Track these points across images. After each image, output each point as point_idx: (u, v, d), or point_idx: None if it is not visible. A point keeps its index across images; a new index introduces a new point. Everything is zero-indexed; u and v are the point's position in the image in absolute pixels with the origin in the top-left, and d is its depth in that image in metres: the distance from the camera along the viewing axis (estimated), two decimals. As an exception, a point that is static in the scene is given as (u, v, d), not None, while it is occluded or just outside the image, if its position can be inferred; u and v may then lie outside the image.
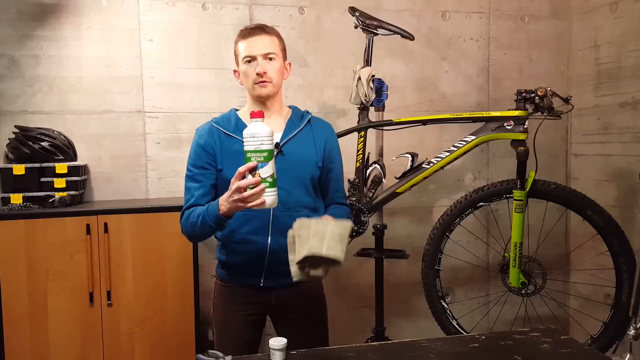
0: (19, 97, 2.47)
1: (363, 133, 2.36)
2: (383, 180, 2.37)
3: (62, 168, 2.29)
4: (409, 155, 2.31)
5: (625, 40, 2.64)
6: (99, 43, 2.53)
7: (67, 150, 2.37)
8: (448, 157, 2.28)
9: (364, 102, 2.32)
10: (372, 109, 2.40)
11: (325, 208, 1.75)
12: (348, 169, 1.96)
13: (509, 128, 2.21)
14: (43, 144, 2.30)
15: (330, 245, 1.38)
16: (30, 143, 2.29)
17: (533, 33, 3.01)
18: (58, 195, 2.28)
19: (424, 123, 2.34)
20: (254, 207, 1.41)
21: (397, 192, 2.32)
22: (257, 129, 1.39)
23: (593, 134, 2.88)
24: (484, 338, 1.56)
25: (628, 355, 1.94)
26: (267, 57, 1.64)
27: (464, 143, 2.27)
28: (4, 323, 2.12)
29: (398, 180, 2.33)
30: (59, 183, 2.29)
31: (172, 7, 2.60)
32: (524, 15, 2.99)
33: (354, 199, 2.32)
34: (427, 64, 2.90)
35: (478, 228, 2.91)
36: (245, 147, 1.40)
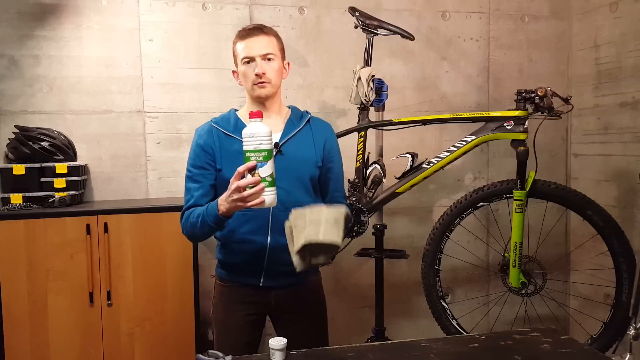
0: (19, 97, 2.47)
1: (363, 133, 2.36)
2: (383, 180, 2.37)
3: (62, 168, 2.29)
4: (409, 155, 2.31)
5: (625, 40, 2.64)
6: (99, 43, 2.53)
7: (67, 150, 2.37)
8: (448, 157, 2.28)
9: (364, 102, 2.32)
10: (372, 109, 2.40)
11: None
12: (348, 169, 1.96)
13: (509, 128, 2.21)
14: (43, 144, 2.30)
15: (327, 231, 1.38)
16: (30, 143, 2.29)
17: (533, 33, 3.01)
18: (58, 195, 2.28)
19: (424, 123, 2.34)
20: (254, 206, 1.41)
21: (397, 192, 2.32)
22: (256, 129, 1.39)
23: (593, 134, 2.88)
24: (484, 338, 1.56)
25: (628, 355, 1.94)
26: (265, 57, 1.64)
27: (464, 143, 2.27)
28: (4, 323, 2.12)
29: (398, 180, 2.33)
30: (59, 183, 2.29)
31: (172, 7, 2.60)
32: (524, 15, 2.99)
33: (354, 199, 2.32)
34: (427, 64, 2.90)
35: (478, 228, 2.91)
36: (244, 146, 1.40)
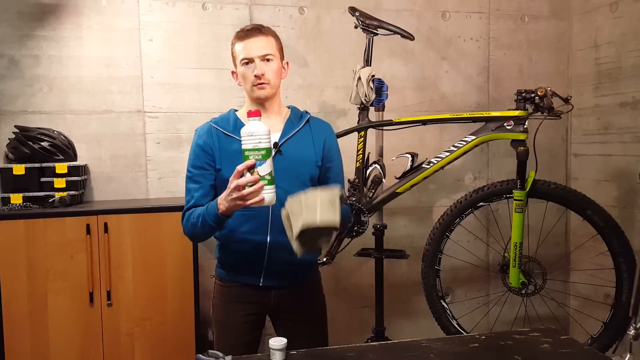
0: (19, 97, 2.47)
1: (363, 133, 2.36)
2: (383, 180, 2.37)
3: (62, 168, 2.29)
4: (409, 155, 2.31)
5: (625, 40, 2.64)
6: (99, 43, 2.53)
7: (67, 150, 2.37)
8: (448, 157, 2.27)
9: (364, 102, 2.32)
10: (372, 109, 2.40)
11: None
12: (348, 169, 1.96)
13: (509, 128, 2.21)
14: (43, 144, 2.30)
15: (323, 213, 1.38)
16: (30, 143, 2.29)
17: (533, 33, 3.01)
18: (58, 195, 2.28)
19: (424, 123, 2.34)
20: (253, 204, 1.42)
21: (397, 192, 2.32)
22: (254, 128, 1.40)
23: (593, 134, 2.88)
24: (484, 338, 1.56)
25: (628, 355, 1.94)
26: (264, 58, 1.64)
27: (464, 143, 2.27)
28: (4, 323, 2.12)
29: (398, 180, 2.33)
30: (59, 183, 2.29)
31: (172, 7, 2.60)
32: (524, 15, 2.99)
33: (354, 199, 2.32)
34: (427, 64, 2.90)
35: (478, 228, 2.91)
36: (243, 145, 1.41)
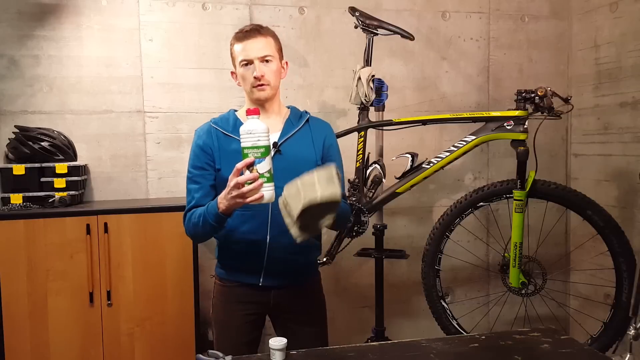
0: (19, 97, 2.47)
1: (363, 133, 2.36)
2: (383, 180, 2.37)
3: (62, 168, 2.29)
4: (409, 155, 2.31)
5: (625, 40, 2.64)
6: (99, 43, 2.53)
7: (67, 150, 2.37)
8: (448, 157, 2.27)
9: (364, 102, 2.32)
10: (372, 109, 2.40)
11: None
12: (348, 169, 1.96)
13: (509, 128, 2.21)
14: (43, 144, 2.30)
15: (324, 188, 1.36)
16: (30, 143, 2.29)
17: (533, 33, 3.01)
18: (58, 195, 2.28)
19: (424, 123, 2.34)
20: (253, 202, 1.42)
21: (397, 192, 2.32)
22: (253, 126, 1.41)
23: (593, 134, 2.88)
24: (484, 338, 1.56)
25: (628, 355, 1.94)
26: (263, 59, 1.64)
27: (464, 143, 2.27)
28: (4, 323, 2.12)
29: (398, 180, 2.33)
30: (59, 183, 2.29)
31: (172, 7, 2.60)
32: (524, 15, 2.99)
33: (354, 199, 2.32)
34: (427, 64, 2.90)
35: (478, 228, 2.91)
36: (242, 143, 1.42)
